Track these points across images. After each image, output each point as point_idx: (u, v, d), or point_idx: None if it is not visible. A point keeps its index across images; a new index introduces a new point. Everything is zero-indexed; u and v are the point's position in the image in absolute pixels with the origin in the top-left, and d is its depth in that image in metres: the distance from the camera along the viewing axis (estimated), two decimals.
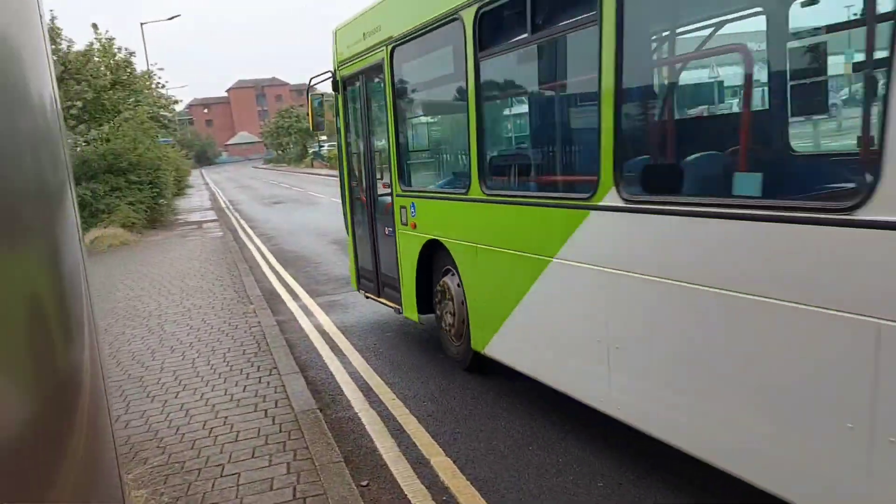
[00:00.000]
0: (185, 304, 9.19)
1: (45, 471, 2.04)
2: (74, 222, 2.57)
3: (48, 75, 2.45)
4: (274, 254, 13.60)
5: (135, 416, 5.18)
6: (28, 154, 2.04)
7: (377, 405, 5.25)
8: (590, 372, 3.93)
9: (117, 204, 18.20)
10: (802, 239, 2.65)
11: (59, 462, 2.16)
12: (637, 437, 3.67)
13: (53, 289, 2.22)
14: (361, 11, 6.60)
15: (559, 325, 4.24)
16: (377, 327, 7.43)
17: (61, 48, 17.59)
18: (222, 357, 6.51)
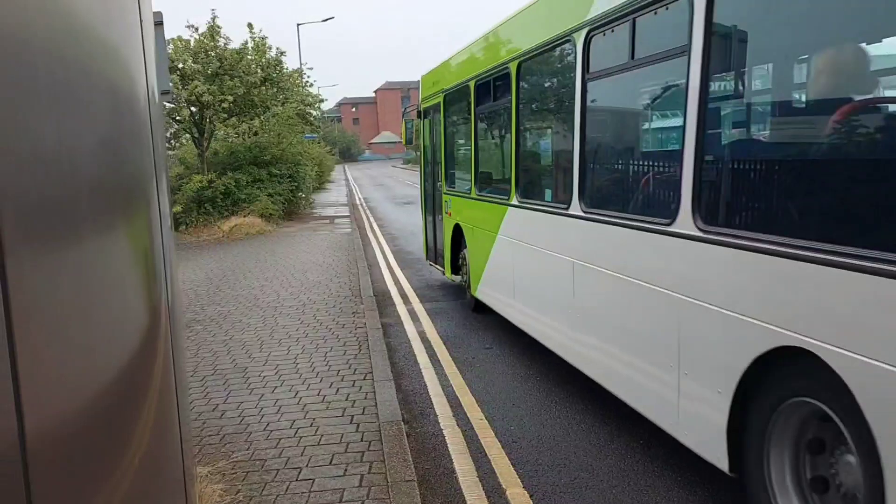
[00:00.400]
0: (301, 297, 9.51)
1: (106, 461, 2.09)
2: (159, 215, 2.62)
3: (143, 71, 2.51)
4: (394, 254, 13.84)
5: (231, 407, 5.37)
6: (116, 147, 2.08)
7: (464, 423, 5.13)
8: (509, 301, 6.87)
9: (258, 195, 19.24)
10: (646, 242, 4.09)
11: (119, 455, 2.20)
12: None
13: (131, 282, 2.26)
14: (431, 69, 9.75)
15: (501, 274, 7.04)
16: (478, 340, 7.31)
17: (219, 45, 18.80)
18: (324, 356, 6.64)
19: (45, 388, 1.56)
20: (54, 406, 1.61)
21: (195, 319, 8.42)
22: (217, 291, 10.26)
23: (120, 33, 2.25)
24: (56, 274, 1.68)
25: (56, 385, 1.63)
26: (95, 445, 1.93)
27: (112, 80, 2.16)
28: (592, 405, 5.33)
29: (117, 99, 2.20)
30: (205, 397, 5.63)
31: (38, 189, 1.61)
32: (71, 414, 1.73)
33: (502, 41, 6.77)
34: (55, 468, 1.64)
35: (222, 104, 18.13)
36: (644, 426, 4.80)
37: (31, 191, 1.55)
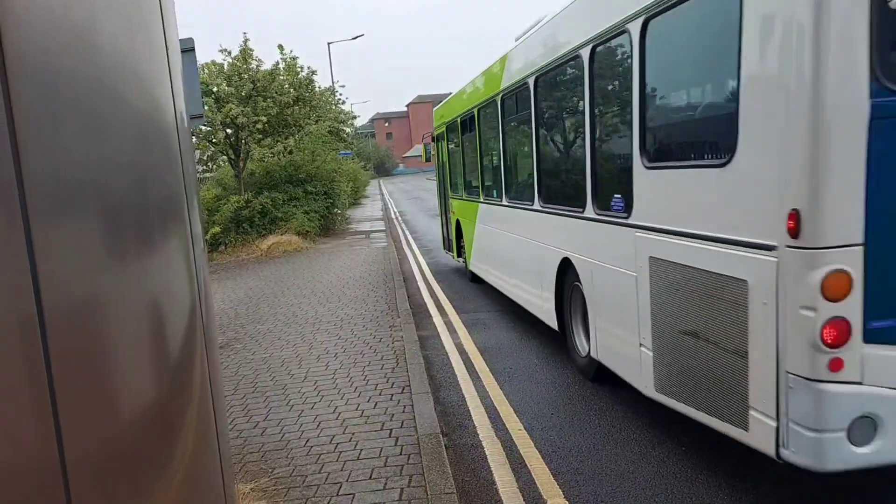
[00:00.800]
0: (339, 313, 9.59)
1: (146, 481, 2.12)
2: (191, 236, 2.67)
3: (170, 96, 2.57)
4: (430, 266, 13.88)
5: (272, 424, 5.43)
6: (144, 171, 2.13)
7: (503, 434, 5.11)
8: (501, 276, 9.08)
9: (294, 212, 19.50)
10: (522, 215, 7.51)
11: (159, 474, 2.24)
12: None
13: (166, 302, 2.30)
14: (440, 104, 12.99)
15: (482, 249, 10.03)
16: (516, 350, 7.28)
17: (251, 67, 19.16)
18: (361, 371, 6.68)
19: (84, 411, 1.60)
20: (94, 428, 1.65)
21: (235, 338, 8.54)
22: (256, 309, 10.41)
23: (145, 61, 2.31)
24: (90, 297, 1.73)
25: (95, 407, 1.67)
26: (136, 465, 1.97)
27: (138, 107, 2.21)
28: (632, 412, 5.26)
29: (144, 124, 2.26)
30: (245, 415, 5.70)
31: (69, 211, 1.65)
32: (110, 435, 1.76)
33: (469, 95, 10.04)
34: (96, 488, 1.67)
35: (256, 125, 18.45)
36: (685, 434, 4.73)
37: (61, 213, 1.60)
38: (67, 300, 1.59)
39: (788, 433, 3.23)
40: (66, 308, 1.56)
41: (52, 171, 1.57)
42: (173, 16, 2.89)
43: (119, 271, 1.92)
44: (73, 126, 1.70)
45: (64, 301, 1.56)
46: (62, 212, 1.60)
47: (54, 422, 1.44)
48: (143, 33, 2.34)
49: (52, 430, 1.44)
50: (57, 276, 1.51)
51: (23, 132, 1.42)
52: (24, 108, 1.42)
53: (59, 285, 1.52)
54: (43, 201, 1.48)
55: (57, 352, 1.46)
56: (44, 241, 1.44)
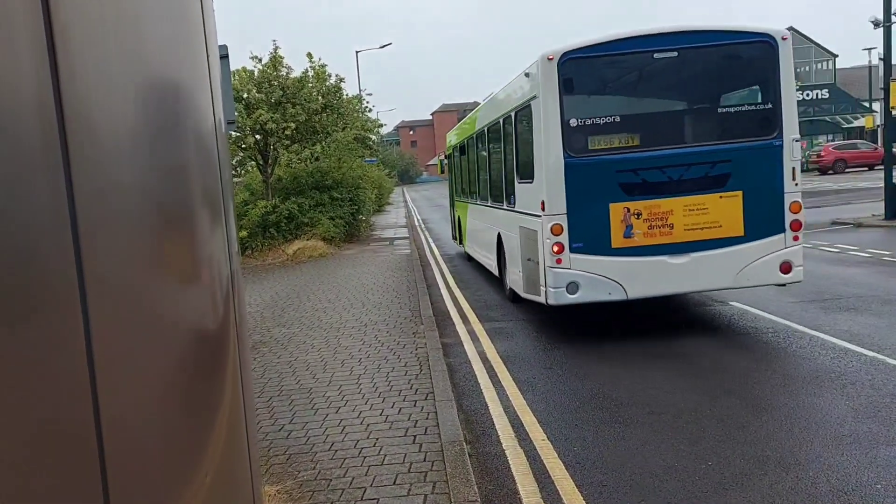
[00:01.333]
0: (363, 318, 9.64)
1: (179, 480, 2.16)
2: (226, 239, 2.72)
3: (210, 103, 2.63)
4: (452, 274, 13.90)
5: (297, 428, 5.47)
6: (186, 175, 2.18)
7: (526, 444, 5.10)
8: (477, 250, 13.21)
9: (320, 218, 19.64)
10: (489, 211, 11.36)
11: (192, 474, 2.28)
12: None
13: (201, 304, 2.34)
14: (452, 129, 16.93)
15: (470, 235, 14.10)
16: (538, 360, 7.26)
17: (281, 75, 19.39)
18: (385, 376, 6.71)
19: (122, 406, 1.63)
20: (130, 424, 1.68)
21: (261, 341, 8.63)
22: (282, 313, 10.50)
23: (189, 70, 2.36)
24: (130, 299, 1.77)
25: (132, 405, 1.71)
26: (170, 463, 2.00)
27: (181, 115, 2.27)
28: (658, 424, 5.23)
29: (187, 130, 2.31)
30: (271, 417, 5.76)
31: (116, 214, 1.70)
32: (146, 431, 1.80)
33: (461, 130, 14.95)
34: (133, 486, 1.71)
35: (285, 131, 18.65)
36: (712, 446, 4.68)
37: (108, 215, 1.64)
38: (111, 300, 1.63)
39: (548, 292, 7.55)
40: (110, 308, 1.60)
41: (100, 175, 1.61)
42: (214, 23, 2.95)
43: (161, 272, 1.96)
44: (122, 131, 1.74)
45: (108, 301, 1.60)
46: (109, 214, 1.65)
47: (94, 419, 1.48)
48: (186, 40, 2.40)
49: (92, 431, 1.48)
50: (102, 275, 1.55)
51: (74, 137, 1.46)
52: (75, 112, 1.46)
53: (104, 284, 1.56)
54: (91, 205, 1.53)
55: (100, 349, 1.50)
56: (90, 242, 1.48)
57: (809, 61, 58.16)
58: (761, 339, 7.46)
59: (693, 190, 7.39)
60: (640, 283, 7.40)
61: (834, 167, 37.38)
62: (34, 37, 1.30)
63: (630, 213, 7.34)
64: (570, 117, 7.36)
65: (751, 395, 5.80)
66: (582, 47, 7.51)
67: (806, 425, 5.09)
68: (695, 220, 7.39)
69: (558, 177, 7.32)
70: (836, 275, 10.62)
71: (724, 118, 7.84)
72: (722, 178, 7.42)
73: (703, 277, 7.52)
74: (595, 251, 7.35)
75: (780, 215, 7.47)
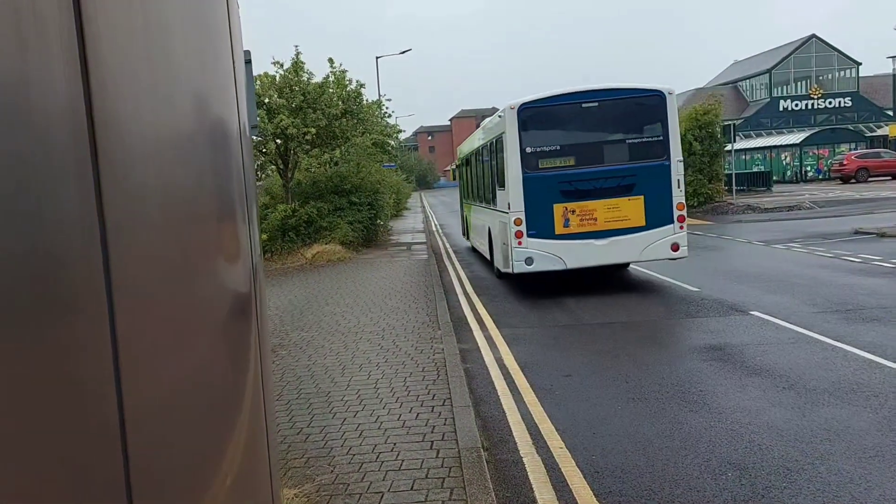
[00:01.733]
0: (381, 323, 9.66)
1: (200, 481, 2.17)
2: (250, 243, 2.74)
3: (235, 108, 2.66)
4: (470, 280, 13.89)
5: (315, 431, 5.49)
6: (213, 179, 2.21)
7: (544, 451, 5.08)
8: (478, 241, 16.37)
9: (338, 222, 19.73)
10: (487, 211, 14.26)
11: (212, 475, 2.29)
12: None
13: (225, 306, 2.36)
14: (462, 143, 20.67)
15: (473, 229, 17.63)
16: (556, 368, 7.23)
17: (302, 80, 19.52)
18: (403, 381, 6.71)
19: (146, 408, 1.65)
20: (154, 425, 1.70)
21: (280, 344, 8.67)
22: (301, 317, 10.55)
23: (215, 76, 2.39)
24: (156, 303, 1.79)
25: (155, 406, 1.72)
26: (192, 465, 2.02)
27: (207, 120, 2.29)
28: (679, 434, 5.18)
29: (212, 136, 2.33)
30: (290, 421, 5.78)
31: (143, 217, 1.72)
32: (170, 433, 1.81)
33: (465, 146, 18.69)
34: (156, 487, 1.72)
35: (305, 136, 18.76)
36: (726, 454, 4.64)
37: (135, 220, 1.66)
38: (137, 303, 1.65)
39: (513, 265, 11.04)
40: (136, 311, 1.62)
41: (129, 180, 1.63)
42: (239, 27, 2.98)
43: (187, 276, 1.98)
44: (150, 137, 1.77)
45: (134, 304, 1.61)
46: (137, 218, 1.67)
47: (119, 420, 1.49)
48: (212, 46, 2.42)
49: (117, 433, 1.49)
50: (129, 278, 1.57)
51: (104, 143, 1.48)
52: (105, 118, 1.48)
53: (131, 288, 1.58)
54: (119, 209, 1.54)
55: (125, 352, 1.52)
56: (117, 246, 1.50)
57: (832, 69, 57.57)
58: (782, 349, 7.38)
59: (610, 195, 11.03)
60: (574, 258, 11.06)
61: (856, 176, 36.88)
62: (67, 46, 1.32)
63: (567, 210, 11.04)
64: (526, 146, 11.16)
65: (771, 408, 5.73)
66: (534, 100, 11.45)
67: (827, 437, 5.02)
68: (611, 215, 11.02)
69: (518, 186, 11.10)
70: (859, 285, 10.48)
71: (630, 146, 11.33)
72: (629, 187, 11.04)
73: (618, 254, 11.22)
74: (544, 236, 11.02)
75: (669, 212, 11.06)
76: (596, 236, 10.98)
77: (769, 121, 56.31)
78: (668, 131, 11.12)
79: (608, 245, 10.98)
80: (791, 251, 14.66)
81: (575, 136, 11.42)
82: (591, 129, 11.54)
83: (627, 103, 11.39)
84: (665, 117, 11.11)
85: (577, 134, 11.45)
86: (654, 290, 11.22)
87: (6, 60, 1.15)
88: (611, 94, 11.32)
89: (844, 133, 46.35)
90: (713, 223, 22.47)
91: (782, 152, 45.39)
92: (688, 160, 26.94)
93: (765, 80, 58.37)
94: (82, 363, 1.38)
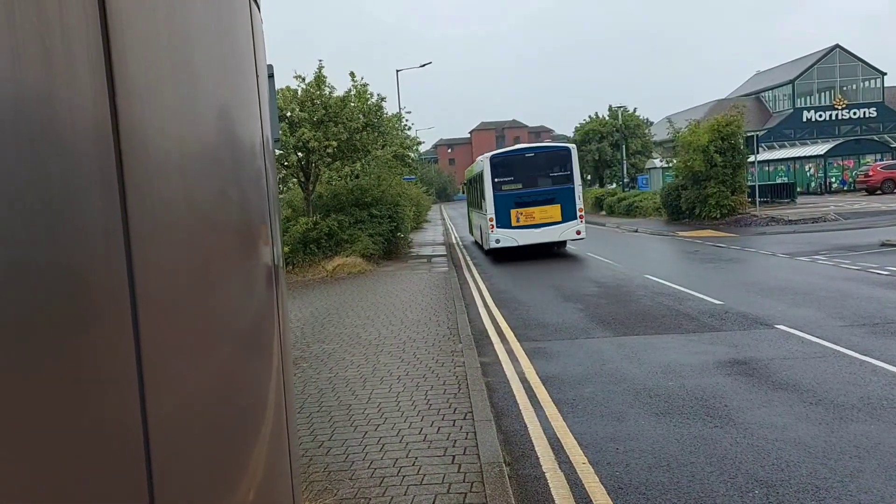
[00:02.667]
0: (401, 335, 9.65)
1: (223, 494, 2.16)
2: (273, 255, 2.75)
3: (259, 123, 2.68)
4: (490, 293, 13.85)
5: (336, 444, 5.48)
6: (237, 192, 2.22)
7: (566, 466, 5.02)
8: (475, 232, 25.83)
9: (359, 235, 19.81)
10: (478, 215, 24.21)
11: (235, 488, 2.28)
12: None
13: (248, 318, 2.37)
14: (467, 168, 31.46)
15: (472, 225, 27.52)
16: (578, 381, 7.16)
17: (324, 94, 19.68)
18: (424, 394, 6.69)
19: (169, 417, 1.65)
20: (177, 436, 1.69)
21: (301, 357, 8.69)
22: (322, 329, 10.57)
23: (239, 90, 2.41)
24: (179, 312, 1.79)
25: (178, 415, 1.72)
26: (215, 476, 2.01)
27: (231, 132, 2.31)
28: (704, 450, 5.10)
29: (236, 148, 2.35)
30: (311, 434, 5.78)
31: (166, 229, 1.72)
32: (193, 445, 1.81)
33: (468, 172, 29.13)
34: (179, 498, 1.72)
35: (327, 149, 18.89)
36: (753, 471, 4.55)
37: (159, 230, 1.67)
38: (161, 312, 1.65)
39: (491, 243, 20.10)
40: (159, 320, 1.62)
41: (153, 191, 1.64)
42: (263, 44, 3.00)
43: (210, 286, 1.98)
44: (174, 149, 1.77)
45: (158, 313, 1.61)
46: (160, 229, 1.67)
47: (143, 429, 1.49)
48: (236, 60, 2.44)
49: (140, 439, 1.49)
50: (153, 288, 1.57)
51: (129, 155, 1.49)
52: (130, 130, 1.49)
53: (155, 297, 1.58)
54: (144, 220, 1.55)
55: (149, 361, 1.52)
56: (141, 256, 1.50)
57: (856, 79, 56.94)
58: (809, 363, 7.25)
59: (541, 204, 19.49)
60: (523, 239, 19.44)
61: (882, 187, 36.32)
62: (93, 61, 1.33)
63: (518, 213, 19.51)
64: (495, 178, 19.85)
65: (798, 424, 5.63)
66: (499, 152, 21.37)
67: (857, 454, 4.91)
68: (542, 215, 19.50)
69: (492, 200, 19.80)
70: (887, 298, 10.29)
71: (552, 177, 19.81)
72: (552, 199, 19.50)
73: (547, 236, 19.51)
74: (505, 227, 19.56)
75: (575, 213, 19.54)
76: (534, 227, 19.57)
77: (792, 132, 55.76)
78: (573, 169, 19.79)
79: (541, 231, 19.58)
80: (816, 264, 14.45)
81: (521, 172, 19.98)
82: (530, 169, 20.04)
83: (550, 154, 20.57)
84: (570, 161, 19.84)
85: (523, 171, 20.00)
86: (678, 303, 11.10)
87: (34, 75, 1.16)
88: (541, 149, 21.37)
89: (869, 144, 45.75)
90: (736, 235, 22.24)
91: (806, 163, 44.90)
92: (709, 172, 27.09)
93: (788, 91, 57.87)
94: (106, 372, 1.38)
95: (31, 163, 1.13)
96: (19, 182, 1.13)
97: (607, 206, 40.08)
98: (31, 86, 1.14)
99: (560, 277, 15.42)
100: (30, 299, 1.10)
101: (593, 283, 14.25)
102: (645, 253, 20.23)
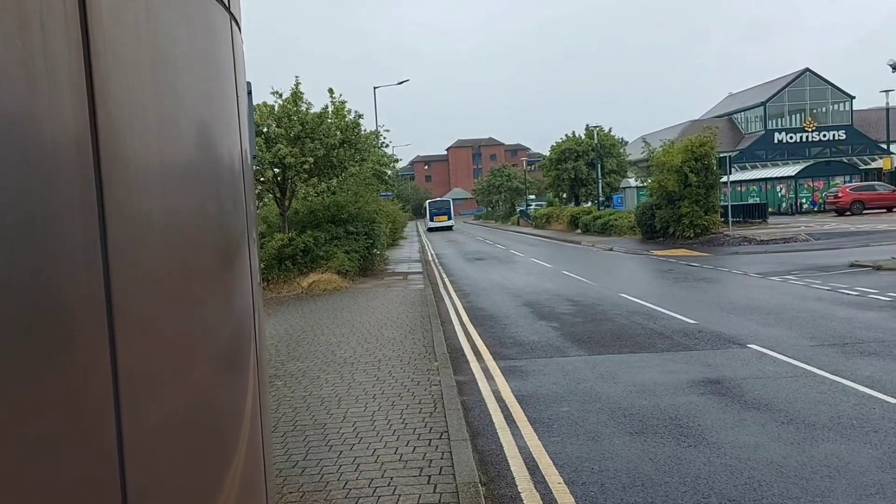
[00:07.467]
0: (377, 353, 9.61)
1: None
2: (250, 271, 2.73)
3: (238, 139, 2.67)
4: (466, 310, 13.86)
5: (311, 464, 5.42)
6: (213, 207, 2.21)
7: (541, 486, 5.02)
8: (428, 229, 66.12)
9: (335, 252, 19.73)
10: None
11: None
12: None
13: (224, 335, 2.35)
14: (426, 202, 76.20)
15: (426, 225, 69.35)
16: (553, 400, 7.18)
17: (301, 110, 19.67)
18: (399, 413, 6.66)
19: (145, 430, 1.63)
20: (153, 452, 1.68)
21: (276, 375, 8.61)
22: (296, 347, 10.49)
23: (219, 108, 2.41)
24: (156, 327, 1.78)
25: (154, 432, 1.70)
26: (191, 495, 1.99)
27: (213, 151, 2.30)
28: (678, 469, 5.13)
29: (215, 166, 2.34)
30: (285, 453, 5.72)
31: (145, 245, 1.72)
32: (167, 458, 1.79)
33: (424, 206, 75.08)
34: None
35: (303, 165, 18.85)
36: (726, 490, 4.59)
37: (140, 247, 1.66)
38: (138, 328, 1.64)
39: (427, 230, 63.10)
40: (136, 336, 1.61)
41: (132, 208, 1.63)
42: (243, 63, 3.00)
43: (188, 302, 1.97)
44: (154, 167, 1.77)
45: (134, 329, 1.60)
46: (139, 244, 1.67)
47: (118, 442, 1.48)
48: (217, 79, 2.44)
49: (115, 456, 1.47)
50: (130, 304, 1.56)
51: (109, 174, 1.48)
52: (111, 150, 1.49)
53: (132, 313, 1.58)
54: (122, 236, 1.55)
55: (126, 375, 1.51)
56: (120, 272, 1.50)
57: (826, 102, 58.29)
58: (780, 383, 7.35)
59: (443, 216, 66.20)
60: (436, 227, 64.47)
61: (851, 208, 37.13)
62: (75, 82, 1.33)
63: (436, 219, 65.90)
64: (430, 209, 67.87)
65: (770, 443, 5.69)
66: (432, 200, 72.64)
67: (828, 473, 4.98)
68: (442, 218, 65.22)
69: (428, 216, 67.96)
70: (856, 318, 10.49)
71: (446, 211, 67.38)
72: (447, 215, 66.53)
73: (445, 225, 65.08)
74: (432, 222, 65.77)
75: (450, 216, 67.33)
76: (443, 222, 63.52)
77: (764, 153, 56.89)
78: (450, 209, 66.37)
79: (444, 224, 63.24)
80: (788, 283, 14.69)
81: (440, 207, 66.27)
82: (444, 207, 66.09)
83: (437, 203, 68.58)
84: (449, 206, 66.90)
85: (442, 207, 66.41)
86: (653, 322, 11.20)
87: (16, 95, 1.16)
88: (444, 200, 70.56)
89: (839, 166, 46.81)
90: (709, 254, 22.53)
91: (777, 184, 45.78)
92: (683, 192, 27.44)
93: (759, 113, 59.09)
94: (83, 388, 1.37)
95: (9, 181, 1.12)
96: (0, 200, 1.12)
97: (583, 224, 40.41)
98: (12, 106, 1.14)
99: (535, 296, 15.47)
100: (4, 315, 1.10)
101: (568, 301, 14.32)
102: (620, 272, 20.40)
